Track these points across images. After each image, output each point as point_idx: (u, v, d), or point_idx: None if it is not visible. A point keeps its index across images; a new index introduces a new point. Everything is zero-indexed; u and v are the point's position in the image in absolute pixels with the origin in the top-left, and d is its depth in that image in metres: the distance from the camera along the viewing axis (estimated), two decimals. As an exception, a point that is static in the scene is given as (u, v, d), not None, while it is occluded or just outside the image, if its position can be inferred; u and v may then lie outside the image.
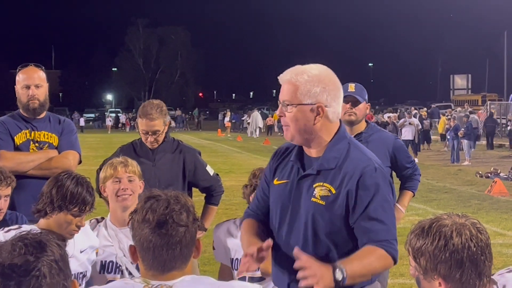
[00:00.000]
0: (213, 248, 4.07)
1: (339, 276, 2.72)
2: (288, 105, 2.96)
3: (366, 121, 5.33)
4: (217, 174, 5.27)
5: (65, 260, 2.00)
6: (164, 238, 2.25)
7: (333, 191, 2.92)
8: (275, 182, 3.13)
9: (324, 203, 2.92)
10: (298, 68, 3.00)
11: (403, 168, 5.39)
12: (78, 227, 3.42)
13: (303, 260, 2.75)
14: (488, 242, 2.20)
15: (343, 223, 2.93)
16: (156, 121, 4.82)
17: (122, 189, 3.78)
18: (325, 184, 2.94)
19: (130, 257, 2.35)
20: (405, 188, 5.55)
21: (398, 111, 39.91)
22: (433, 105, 47.87)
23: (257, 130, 45.61)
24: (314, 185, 2.96)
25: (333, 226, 2.94)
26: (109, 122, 58.52)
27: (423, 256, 2.18)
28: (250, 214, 3.26)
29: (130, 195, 3.78)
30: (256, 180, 3.85)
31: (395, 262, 2.94)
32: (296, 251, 2.79)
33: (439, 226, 2.19)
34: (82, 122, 61.08)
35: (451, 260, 2.14)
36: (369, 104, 5.28)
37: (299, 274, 2.73)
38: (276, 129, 45.64)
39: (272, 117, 46.93)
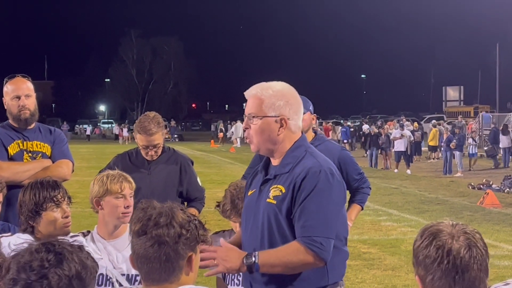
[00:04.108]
0: None
1: (249, 260, 2.96)
2: (253, 117, 3.17)
3: (314, 132, 5.22)
4: (203, 188, 5.28)
5: (82, 279, 1.96)
6: (143, 250, 2.25)
7: (283, 191, 3.12)
8: (248, 193, 3.35)
9: (275, 202, 3.12)
10: (263, 84, 3.24)
11: (351, 179, 5.20)
12: (67, 218, 3.46)
13: (211, 249, 2.94)
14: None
15: (291, 221, 3.10)
16: (155, 135, 4.81)
17: (127, 206, 3.65)
18: (278, 185, 3.16)
19: (131, 265, 2.35)
20: (353, 201, 5.42)
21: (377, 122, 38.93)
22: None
23: (238, 139, 46.59)
24: (270, 188, 3.18)
25: (284, 224, 3.10)
26: (116, 131, 56.86)
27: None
28: None
29: (131, 212, 3.67)
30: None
31: (321, 259, 3.00)
32: (222, 242, 3.01)
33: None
34: (88, 131, 60.06)
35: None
36: (314, 114, 5.13)
37: (204, 263, 2.92)
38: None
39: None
